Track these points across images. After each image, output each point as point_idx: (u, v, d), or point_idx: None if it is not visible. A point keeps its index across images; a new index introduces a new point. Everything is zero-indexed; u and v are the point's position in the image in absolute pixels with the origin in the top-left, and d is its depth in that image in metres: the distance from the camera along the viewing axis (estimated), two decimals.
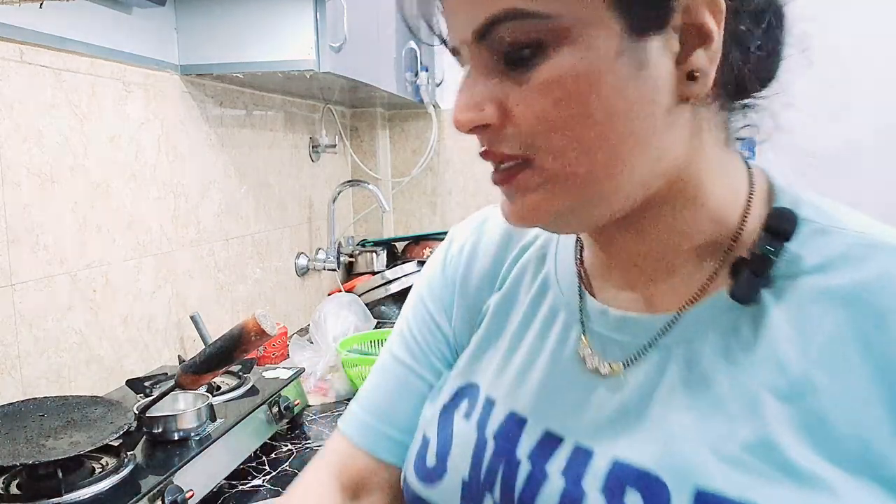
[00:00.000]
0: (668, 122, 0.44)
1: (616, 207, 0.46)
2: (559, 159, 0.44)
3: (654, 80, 0.43)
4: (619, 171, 0.44)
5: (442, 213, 2.67)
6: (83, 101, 1.24)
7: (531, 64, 0.43)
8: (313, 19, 1.44)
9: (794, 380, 0.42)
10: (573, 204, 0.46)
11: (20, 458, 0.84)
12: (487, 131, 0.46)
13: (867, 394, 0.40)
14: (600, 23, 0.42)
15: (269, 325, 0.96)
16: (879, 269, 0.42)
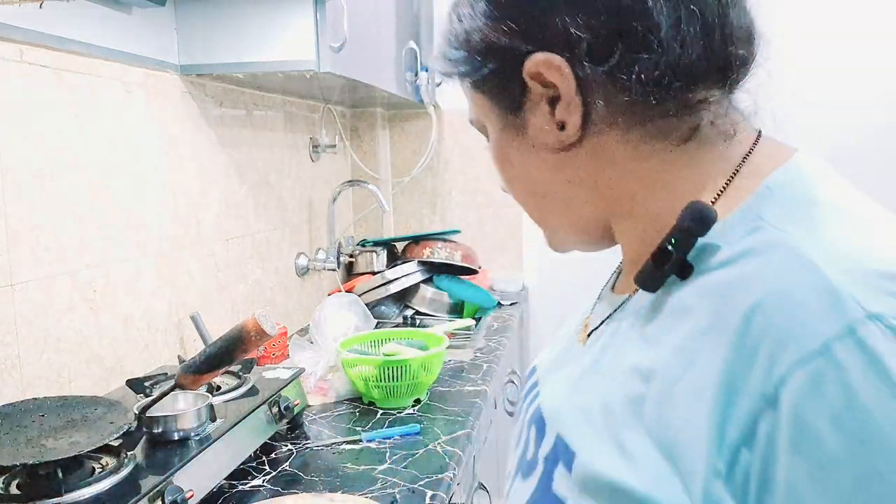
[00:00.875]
0: (563, 168, 0.55)
1: (584, 237, 0.60)
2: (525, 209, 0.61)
3: (534, 140, 0.55)
4: (550, 214, 0.59)
5: (442, 213, 2.67)
6: (83, 101, 1.24)
7: None
8: (313, 19, 1.44)
9: (653, 363, 0.46)
10: (550, 238, 0.62)
11: (20, 458, 0.84)
12: None
13: (701, 388, 0.42)
14: (489, 112, 0.57)
15: (269, 325, 0.96)
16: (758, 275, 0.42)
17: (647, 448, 0.43)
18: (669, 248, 0.48)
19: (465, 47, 0.55)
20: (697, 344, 0.44)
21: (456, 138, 2.64)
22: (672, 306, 0.48)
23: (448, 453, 1.22)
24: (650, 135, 0.52)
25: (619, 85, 0.50)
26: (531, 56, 0.51)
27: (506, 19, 0.52)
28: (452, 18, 0.57)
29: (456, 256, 2.32)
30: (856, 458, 0.35)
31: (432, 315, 2.24)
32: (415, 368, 1.43)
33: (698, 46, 0.49)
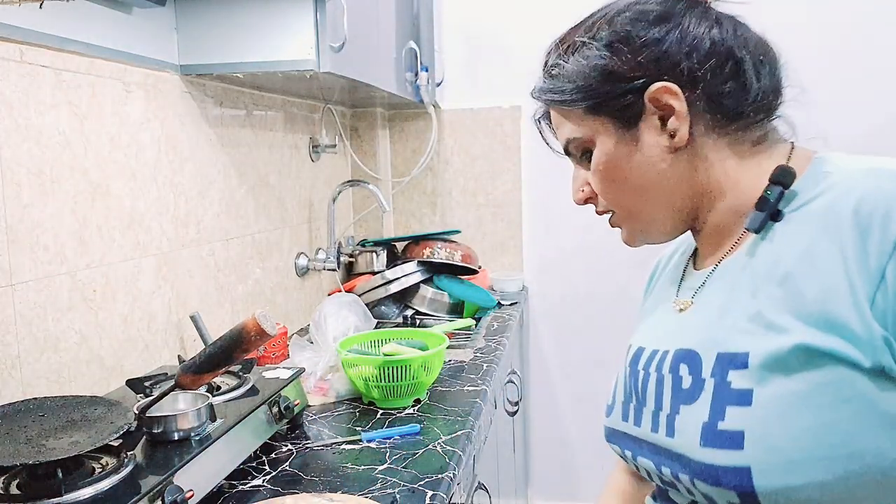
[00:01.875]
0: (671, 169, 0.74)
1: (669, 227, 0.78)
2: (621, 209, 0.79)
3: (649, 149, 0.74)
4: (651, 205, 0.76)
5: (442, 213, 2.67)
6: (83, 101, 1.24)
7: (589, 161, 0.78)
8: (313, 19, 1.44)
9: (784, 270, 0.64)
10: (640, 233, 0.80)
11: (20, 458, 0.84)
12: (591, 201, 0.82)
13: (833, 276, 0.59)
14: (604, 131, 0.76)
15: (269, 325, 0.96)
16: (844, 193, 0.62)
17: (799, 324, 0.60)
18: (768, 196, 0.68)
19: (589, 80, 0.73)
20: (817, 245, 0.62)
21: (456, 138, 2.64)
22: (779, 238, 0.67)
23: (448, 453, 1.22)
24: (735, 140, 0.73)
25: (713, 103, 0.71)
26: (653, 84, 0.71)
27: (631, 56, 0.71)
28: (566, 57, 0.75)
29: (456, 256, 2.32)
30: None
31: (432, 315, 2.24)
32: (415, 368, 1.43)
33: (766, 78, 0.72)
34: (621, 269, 2.48)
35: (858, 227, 0.59)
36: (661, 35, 0.71)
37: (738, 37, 0.72)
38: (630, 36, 0.72)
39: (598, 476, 2.72)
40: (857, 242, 0.59)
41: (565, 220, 2.58)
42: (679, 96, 0.71)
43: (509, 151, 2.61)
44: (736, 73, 0.71)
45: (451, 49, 2.56)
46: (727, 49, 0.71)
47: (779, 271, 0.64)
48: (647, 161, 0.74)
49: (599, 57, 0.72)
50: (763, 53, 0.73)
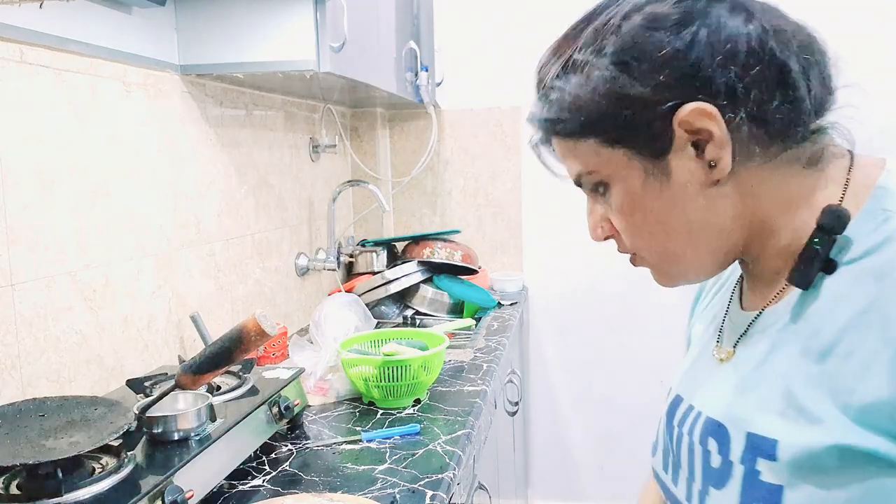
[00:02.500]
0: (711, 206, 0.60)
1: (710, 266, 0.65)
2: (651, 252, 0.65)
3: (683, 184, 0.60)
4: (690, 249, 0.63)
5: (442, 213, 2.67)
6: (83, 101, 1.24)
7: (607, 199, 0.65)
8: (313, 19, 1.44)
9: (826, 343, 0.53)
10: (677, 275, 0.66)
11: (20, 458, 0.84)
12: (615, 237, 0.68)
13: (874, 358, 0.49)
14: (624, 165, 0.61)
15: (269, 325, 0.96)
16: None
17: (837, 413, 0.50)
18: (816, 247, 0.56)
19: (599, 107, 0.59)
20: (863, 319, 0.51)
21: (456, 138, 2.64)
22: (826, 297, 0.55)
23: (448, 453, 1.22)
24: (785, 162, 0.60)
25: (758, 122, 0.58)
26: (682, 107, 0.57)
27: (651, 74, 0.57)
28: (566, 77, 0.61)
29: (456, 256, 2.32)
30: None
31: (432, 315, 2.24)
32: (415, 368, 1.43)
33: (816, 82, 0.59)
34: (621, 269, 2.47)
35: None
36: (685, 43, 0.57)
37: (778, 32, 0.58)
38: (646, 48, 0.57)
39: (597, 476, 2.73)
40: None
41: (565, 221, 2.58)
42: (717, 118, 0.57)
43: (509, 151, 2.61)
44: (782, 82, 0.57)
45: (451, 49, 2.56)
46: (769, 52, 0.57)
47: (820, 343, 0.54)
48: (681, 198, 0.60)
49: (609, 78, 0.58)
50: (808, 51, 0.58)
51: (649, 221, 0.62)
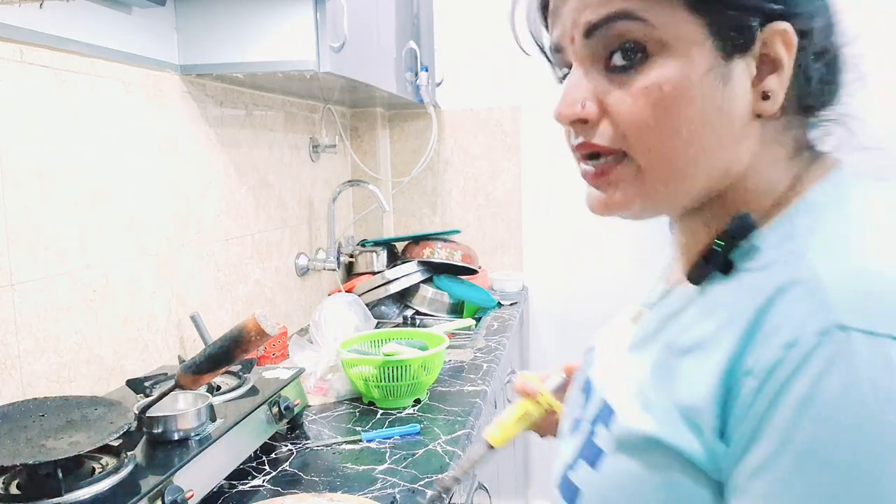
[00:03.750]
0: (741, 135, 0.53)
1: (687, 201, 0.55)
2: (651, 156, 0.52)
3: (734, 96, 0.51)
4: (696, 174, 0.53)
5: (442, 213, 2.67)
6: (83, 102, 1.24)
7: (634, 69, 0.51)
8: (313, 19, 1.44)
9: (691, 341, 0.52)
10: (654, 196, 0.54)
11: (20, 458, 0.84)
12: (584, 126, 0.54)
13: (713, 373, 0.48)
14: (697, 42, 0.50)
15: (269, 325, 0.96)
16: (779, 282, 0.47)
17: (668, 407, 0.51)
18: (717, 248, 0.53)
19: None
20: (720, 333, 0.49)
21: (456, 138, 2.64)
22: (710, 299, 0.53)
23: (448, 453, 1.22)
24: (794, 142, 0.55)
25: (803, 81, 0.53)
26: (777, 21, 0.51)
27: None
28: None
29: (456, 256, 2.32)
30: (804, 424, 0.43)
31: (432, 315, 2.24)
32: (415, 368, 1.43)
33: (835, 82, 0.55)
34: (622, 269, 2.48)
35: (755, 325, 0.47)
36: None
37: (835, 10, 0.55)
38: None
39: None
40: (745, 341, 0.47)
41: (565, 220, 2.58)
42: (792, 53, 0.51)
43: (509, 151, 2.61)
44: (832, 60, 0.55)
45: (451, 49, 2.56)
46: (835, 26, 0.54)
47: (684, 340, 0.53)
48: (726, 112, 0.52)
49: None
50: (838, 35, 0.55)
51: (684, 121, 0.51)
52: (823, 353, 0.43)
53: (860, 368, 0.42)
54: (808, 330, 0.44)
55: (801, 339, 0.44)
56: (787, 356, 0.44)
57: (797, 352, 0.44)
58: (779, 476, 0.43)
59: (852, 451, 0.41)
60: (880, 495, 0.40)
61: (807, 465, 0.42)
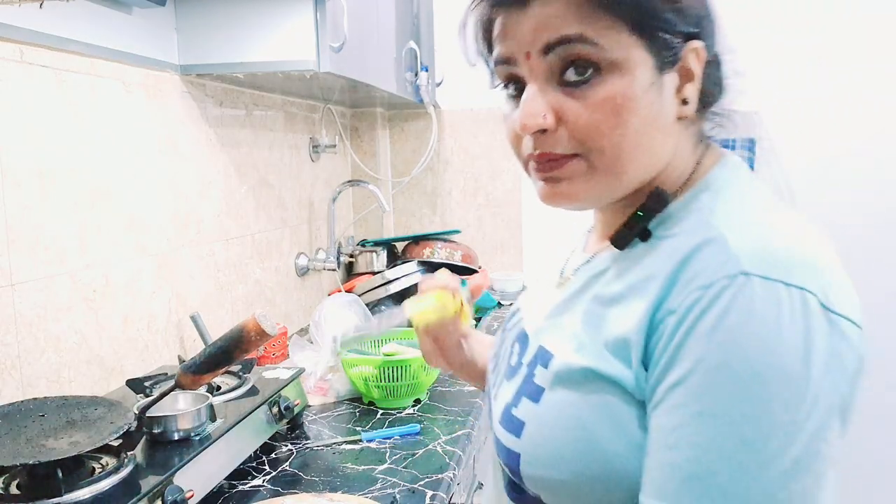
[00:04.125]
0: (669, 134, 0.64)
1: (622, 193, 0.65)
2: (602, 156, 0.61)
3: (666, 104, 0.62)
4: (637, 168, 0.63)
5: (442, 213, 2.67)
6: (83, 101, 1.24)
7: (587, 84, 0.60)
8: (313, 19, 1.44)
9: (617, 292, 0.63)
10: (599, 189, 0.64)
11: (20, 458, 0.84)
12: (541, 136, 0.63)
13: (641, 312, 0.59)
14: (640, 61, 0.60)
15: (269, 325, 0.96)
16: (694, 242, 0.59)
17: (599, 346, 0.61)
18: (638, 218, 0.65)
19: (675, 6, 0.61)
20: (647, 283, 0.60)
21: (456, 138, 2.64)
22: (631, 259, 0.65)
23: (448, 453, 1.22)
24: (698, 134, 0.68)
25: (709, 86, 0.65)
26: (696, 39, 0.62)
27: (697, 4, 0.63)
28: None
29: (456, 256, 2.32)
30: (687, 351, 0.55)
31: None
32: (415, 368, 1.43)
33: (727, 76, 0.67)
34: None
35: (675, 276, 0.58)
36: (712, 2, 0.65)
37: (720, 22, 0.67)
38: None
39: None
40: (666, 289, 0.58)
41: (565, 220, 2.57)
42: (702, 65, 0.63)
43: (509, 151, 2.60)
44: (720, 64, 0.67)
45: (451, 49, 2.56)
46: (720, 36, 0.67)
47: (614, 291, 0.64)
48: (660, 118, 0.62)
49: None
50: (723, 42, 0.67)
51: (631, 128, 0.60)
52: (730, 292, 0.54)
53: (756, 304, 0.53)
54: (720, 275, 0.55)
55: (714, 283, 0.55)
56: (703, 296, 0.55)
57: (711, 291, 0.54)
58: (690, 388, 0.54)
59: (748, 369, 0.52)
60: (766, 401, 0.51)
61: (713, 379, 0.53)
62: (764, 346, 0.52)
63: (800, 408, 0.51)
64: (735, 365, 0.52)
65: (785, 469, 0.51)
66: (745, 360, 0.52)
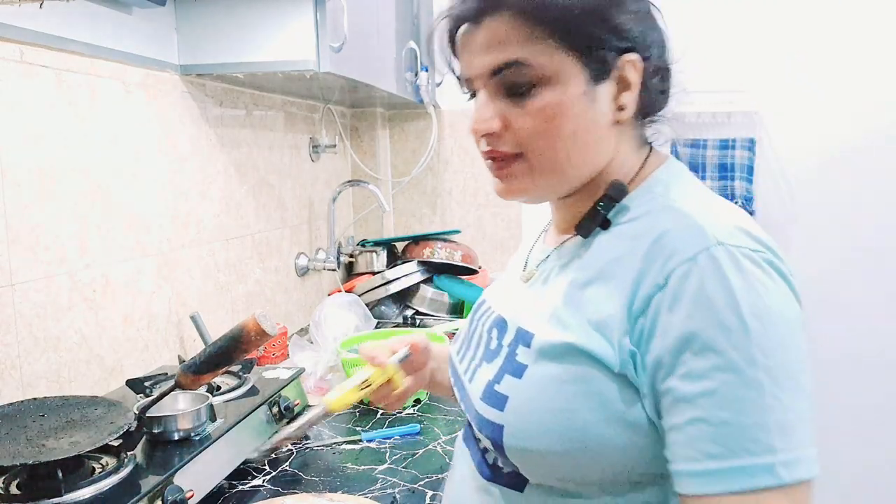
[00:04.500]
0: (605, 138, 0.72)
1: (567, 189, 0.75)
2: (541, 157, 0.71)
3: (600, 111, 0.71)
4: (574, 167, 0.72)
5: (442, 213, 2.67)
6: (83, 101, 1.24)
7: (526, 95, 0.70)
8: (313, 19, 1.44)
9: (590, 276, 0.70)
10: (542, 185, 0.73)
11: (20, 458, 0.84)
12: (492, 137, 0.73)
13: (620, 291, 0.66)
14: (573, 74, 0.69)
15: (269, 325, 0.96)
16: (661, 223, 0.67)
17: (582, 324, 0.67)
18: (599, 208, 0.73)
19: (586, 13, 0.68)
20: (621, 261, 0.67)
21: (456, 138, 2.64)
22: (597, 246, 0.72)
23: (448, 453, 1.22)
24: (639, 138, 0.76)
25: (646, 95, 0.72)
26: (631, 52, 0.70)
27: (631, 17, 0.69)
28: None
29: (456, 256, 2.32)
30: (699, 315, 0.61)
31: (432, 315, 2.24)
32: None
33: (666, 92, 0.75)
34: None
35: (650, 255, 0.65)
36: (652, 12, 0.73)
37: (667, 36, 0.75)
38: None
39: None
40: (644, 268, 0.65)
41: None
42: (640, 75, 0.70)
43: None
44: (667, 77, 0.75)
45: None
46: (667, 50, 0.74)
47: (587, 275, 0.70)
48: (594, 123, 0.70)
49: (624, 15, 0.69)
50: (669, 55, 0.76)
51: (565, 132, 0.70)
52: (707, 257, 0.62)
53: (729, 267, 0.61)
54: (698, 247, 0.63)
55: (695, 254, 0.62)
56: (692, 267, 0.62)
57: (692, 261, 0.62)
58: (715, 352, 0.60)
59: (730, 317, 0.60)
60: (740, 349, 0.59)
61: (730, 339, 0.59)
62: (759, 299, 0.60)
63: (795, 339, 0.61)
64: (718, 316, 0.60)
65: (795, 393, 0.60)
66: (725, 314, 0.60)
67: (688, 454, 0.60)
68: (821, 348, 2.45)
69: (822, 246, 2.40)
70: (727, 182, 2.41)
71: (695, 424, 0.60)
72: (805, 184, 2.42)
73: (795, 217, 2.43)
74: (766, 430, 0.58)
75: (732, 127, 2.43)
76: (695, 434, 0.60)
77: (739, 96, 2.38)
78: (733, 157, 2.40)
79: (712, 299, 0.60)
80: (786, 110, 2.41)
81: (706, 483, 0.59)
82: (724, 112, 2.42)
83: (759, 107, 2.40)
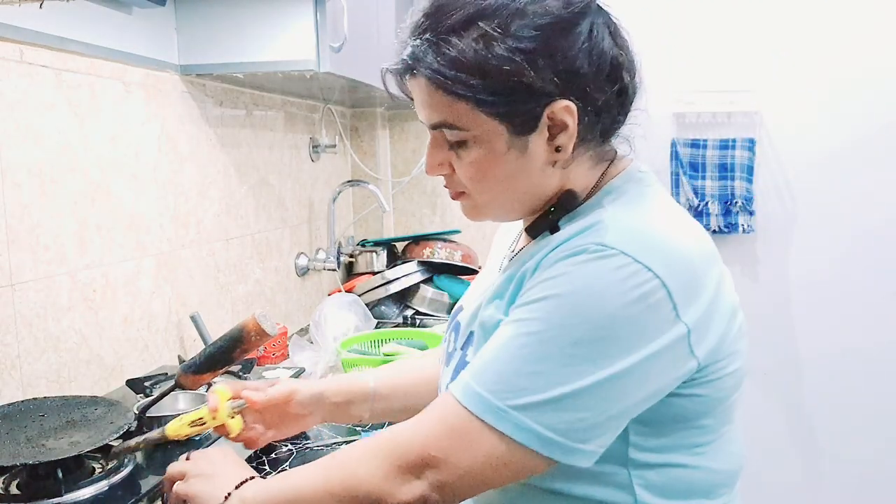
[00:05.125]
0: (543, 177, 0.77)
1: (520, 216, 0.83)
2: (481, 198, 0.79)
3: (533, 157, 0.75)
4: (519, 202, 0.79)
5: (442, 213, 2.67)
6: (83, 101, 1.24)
7: (462, 148, 0.76)
8: (313, 19, 1.44)
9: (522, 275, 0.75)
10: (495, 216, 0.83)
11: (20, 458, 0.84)
12: (447, 176, 0.81)
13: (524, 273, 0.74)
14: (496, 132, 0.73)
15: (269, 325, 0.96)
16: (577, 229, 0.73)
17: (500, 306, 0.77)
18: (549, 214, 0.78)
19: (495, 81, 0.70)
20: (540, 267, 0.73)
21: None
22: (541, 247, 0.76)
23: None
24: (596, 156, 0.79)
25: (596, 120, 0.75)
26: (557, 101, 0.71)
27: (547, 70, 0.70)
28: (463, 37, 0.71)
29: (456, 256, 2.32)
30: (556, 296, 0.69)
31: (432, 315, 2.24)
32: None
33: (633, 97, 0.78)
34: None
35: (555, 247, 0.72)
36: (577, 48, 0.72)
37: (625, 54, 0.76)
38: (549, 46, 0.70)
39: None
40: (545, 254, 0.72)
41: None
42: (574, 115, 0.72)
43: None
44: (620, 93, 0.76)
45: None
46: (619, 70, 0.75)
47: (521, 274, 0.76)
48: (527, 168, 0.75)
49: (511, 61, 0.70)
50: (636, 71, 0.77)
51: (496, 179, 0.76)
52: (583, 254, 0.68)
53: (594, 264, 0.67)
54: (585, 244, 0.69)
55: (580, 248, 0.69)
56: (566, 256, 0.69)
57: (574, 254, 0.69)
58: (534, 309, 0.69)
59: (580, 302, 0.67)
60: (581, 327, 0.67)
61: (551, 308, 0.68)
62: (592, 296, 0.67)
63: (592, 345, 0.67)
64: (571, 301, 0.67)
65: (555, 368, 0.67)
66: (577, 299, 0.67)
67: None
68: (820, 347, 2.46)
69: (821, 246, 2.40)
70: (727, 182, 2.41)
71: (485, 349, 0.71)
72: (805, 184, 2.42)
73: (795, 217, 2.43)
74: (519, 376, 0.67)
75: (732, 127, 2.43)
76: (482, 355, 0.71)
77: (739, 96, 2.38)
78: (733, 157, 2.40)
79: (556, 279, 0.68)
80: (786, 110, 2.40)
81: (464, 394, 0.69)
82: (724, 112, 2.42)
83: (759, 107, 2.40)
